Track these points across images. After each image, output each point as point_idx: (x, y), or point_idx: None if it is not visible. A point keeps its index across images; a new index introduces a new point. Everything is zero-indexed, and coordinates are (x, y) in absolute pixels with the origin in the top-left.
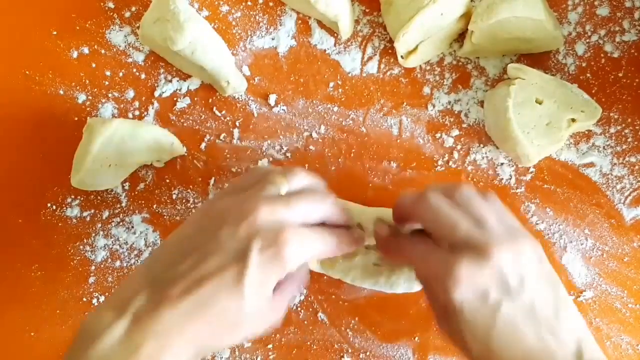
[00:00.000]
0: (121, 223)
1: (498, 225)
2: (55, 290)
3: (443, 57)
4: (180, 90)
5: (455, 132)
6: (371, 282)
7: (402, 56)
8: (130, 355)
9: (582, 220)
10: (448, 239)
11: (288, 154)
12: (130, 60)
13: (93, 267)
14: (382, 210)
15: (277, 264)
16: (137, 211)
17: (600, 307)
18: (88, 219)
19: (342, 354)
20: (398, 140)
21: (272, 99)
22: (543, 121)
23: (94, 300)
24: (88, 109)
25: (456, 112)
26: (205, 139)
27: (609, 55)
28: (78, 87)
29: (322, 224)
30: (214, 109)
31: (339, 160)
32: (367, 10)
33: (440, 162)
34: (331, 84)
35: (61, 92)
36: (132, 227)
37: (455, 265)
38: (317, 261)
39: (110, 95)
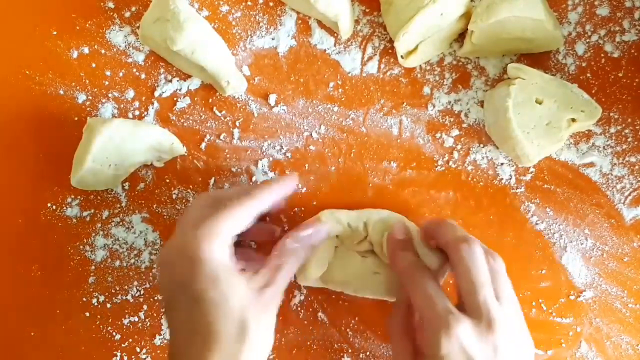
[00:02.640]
0: (121, 223)
1: (511, 308)
2: (55, 290)
3: (443, 57)
4: (180, 90)
5: (455, 132)
6: (372, 292)
7: (402, 56)
8: None
9: (582, 220)
10: (465, 292)
11: (288, 154)
12: (130, 60)
13: (93, 267)
14: (381, 213)
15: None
16: (136, 211)
17: (600, 307)
18: (88, 218)
19: (342, 354)
20: (398, 140)
21: (272, 99)
22: (543, 121)
23: (94, 300)
24: (88, 109)
25: (456, 112)
26: (205, 139)
27: (609, 55)
28: (78, 87)
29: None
30: (214, 109)
31: (339, 160)
32: (367, 10)
33: (440, 162)
34: (331, 84)
35: (61, 92)
36: (132, 227)
37: (458, 323)
38: (318, 277)
39: (110, 95)
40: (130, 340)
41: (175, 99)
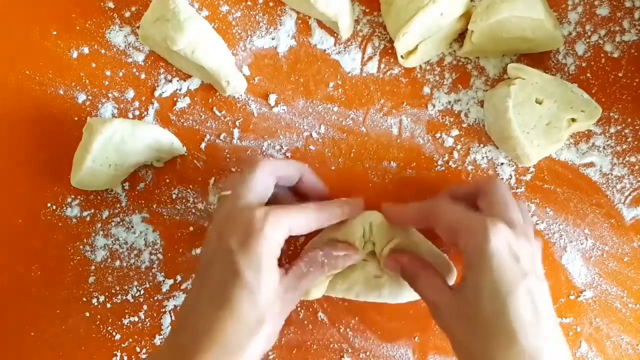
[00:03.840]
0: (121, 223)
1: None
2: (55, 290)
3: (443, 57)
4: (180, 90)
5: (455, 132)
6: (375, 295)
7: (402, 56)
8: None
9: (582, 220)
10: (498, 213)
11: (288, 154)
12: (130, 60)
13: (93, 267)
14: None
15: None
16: (137, 211)
17: (600, 307)
18: (88, 218)
19: (342, 354)
20: (398, 140)
21: (272, 99)
22: (543, 121)
23: (94, 300)
24: (88, 109)
25: (456, 112)
26: (205, 139)
27: (609, 55)
28: (78, 87)
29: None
30: (214, 109)
31: (339, 160)
32: (367, 10)
33: (440, 162)
34: (331, 84)
35: (61, 92)
36: (132, 226)
37: (498, 222)
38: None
39: (110, 95)
40: (130, 340)
41: (175, 99)
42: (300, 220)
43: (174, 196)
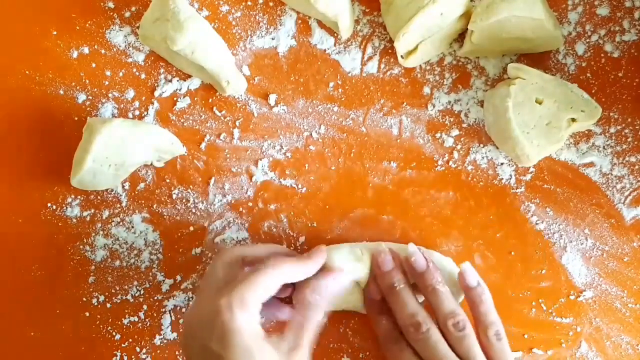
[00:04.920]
0: (121, 223)
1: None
2: (55, 290)
3: (443, 57)
4: (180, 90)
5: (455, 132)
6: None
7: (402, 56)
8: None
9: (582, 220)
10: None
11: (288, 154)
12: (130, 60)
13: (93, 267)
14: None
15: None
16: (137, 211)
17: (600, 307)
18: (88, 218)
19: (342, 354)
20: (398, 140)
21: (272, 99)
22: (543, 121)
23: (94, 300)
24: (88, 109)
25: (456, 112)
26: (205, 139)
27: (609, 55)
28: (78, 87)
29: None
30: (214, 109)
31: (339, 160)
32: (367, 10)
33: (440, 162)
34: (331, 84)
35: (61, 92)
36: (132, 226)
37: None
38: None
39: (110, 95)
40: (130, 340)
41: (175, 99)
42: (267, 285)
43: (174, 196)
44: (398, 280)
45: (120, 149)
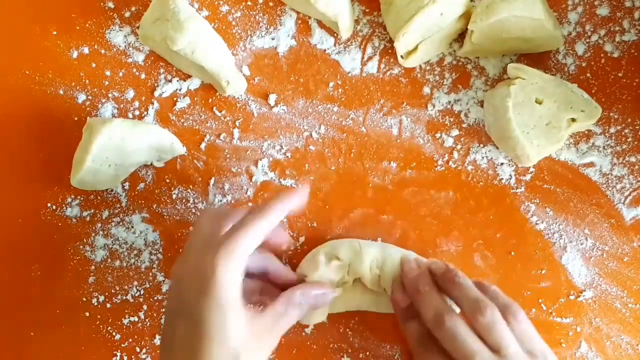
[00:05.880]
0: (121, 223)
1: (518, 354)
2: (55, 290)
3: (443, 57)
4: (180, 90)
5: (455, 132)
6: (375, 305)
7: (402, 56)
8: None
9: (582, 220)
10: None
11: (288, 154)
12: (130, 60)
13: (93, 267)
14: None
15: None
16: (137, 211)
17: (600, 307)
18: (88, 218)
19: (342, 354)
20: (398, 140)
21: (272, 99)
22: (543, 121)
23: (94, 300)
24: (88, 109)
25: (456, 112)
26: (205, 139)
27: (609, 55)
28: (78, 87)
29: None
30: (214, 109)
31: (339, 160)
32: (367, 10)
33: (440, 162)
34: (331, 84)
35: (61, 92)
36: (132, 226)
37: None
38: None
39: (110, 95)
40: (130, 340)
41: (175, 99)
42: (252, 238)
43: (174, 196)
44: (423, 283)
45: (120, 149)
